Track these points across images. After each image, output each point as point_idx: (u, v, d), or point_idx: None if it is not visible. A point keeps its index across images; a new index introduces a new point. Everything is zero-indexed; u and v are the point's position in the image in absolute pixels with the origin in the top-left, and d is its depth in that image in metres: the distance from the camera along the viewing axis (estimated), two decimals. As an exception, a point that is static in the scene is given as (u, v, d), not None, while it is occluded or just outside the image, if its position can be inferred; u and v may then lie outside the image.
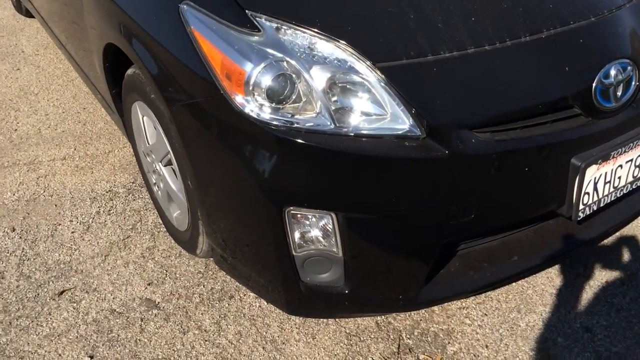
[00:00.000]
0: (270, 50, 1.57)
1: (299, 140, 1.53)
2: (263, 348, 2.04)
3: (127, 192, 2.76)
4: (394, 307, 1.76)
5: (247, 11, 1.63)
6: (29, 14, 4.53)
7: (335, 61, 1.57)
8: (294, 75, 1.56)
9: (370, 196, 1.57)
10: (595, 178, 1.76)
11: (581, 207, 1.77)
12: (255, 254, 1.76)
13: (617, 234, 2.43)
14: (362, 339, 2.05)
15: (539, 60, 1.65)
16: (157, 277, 2.31)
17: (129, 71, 2.14)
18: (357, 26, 1.61)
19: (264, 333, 2.08)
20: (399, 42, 1.59)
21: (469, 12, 1.67)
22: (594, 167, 1.72)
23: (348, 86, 1.56)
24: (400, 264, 1.68)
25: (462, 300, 2.17)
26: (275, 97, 1.56)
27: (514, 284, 2.23)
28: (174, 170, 2.13)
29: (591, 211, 1.81)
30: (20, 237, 2.54)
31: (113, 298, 2.24)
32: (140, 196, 2.72)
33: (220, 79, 1.60)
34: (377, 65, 1.55)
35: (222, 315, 2.15)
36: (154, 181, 2.38)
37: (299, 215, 1.63)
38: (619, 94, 1.72)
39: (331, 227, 1.62)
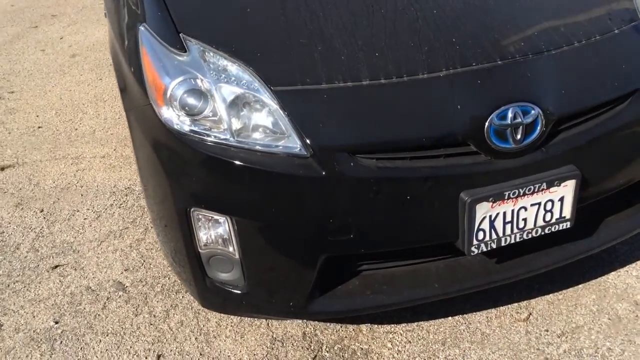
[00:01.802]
0: (189, 69, 1.81)
1: (202, 150, 1.75)
2: (196, 339, 2.24)
3: (141, 191, 3.11)
4: (286, 313, 1.90)
5: (181, 34, 1.88)
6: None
7: (243, 83, 1.77)
8: (206, 92, 1.78)
9: (259, 204, 1.74)
10: (490, 216, 1.79)
11: (475, 242, 1.81)
12: (174, 248, 1.99)
13: (580, 286, 2.36)
14: (284, 344, 2.19)
15: (432, 97, 1.74)
16: (134, 265, 2.61)
17: None
18: (267, 53, 1.80)
19: (202, 326, 2.29)
20: (299, 69, 1.76)
21: (375, 48, 1.80)
22: (485, 204, 1.76)
23: (252, 105, 1.76)
24: (288, 272, 1.82)
25: (392, 324, 2.24)
26: (190, 110, 1.79)
27: (450, 317, 2.26)
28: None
29: (489, 248, 1.84)
30: (44, 218, 2.96)
31: (93, 277, 2.56)
32: (152, 195, 3.07)
33: (151, 89, 1.87)
34: (273, 89, 1.73)
35: (173, 305, 2.39)
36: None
37: (201, 216, 1.83)
38: (518, 136, 1.75)
39: (228, 230, 1.81)
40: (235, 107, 1.77)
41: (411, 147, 1.72)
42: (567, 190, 1.84)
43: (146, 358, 2.18)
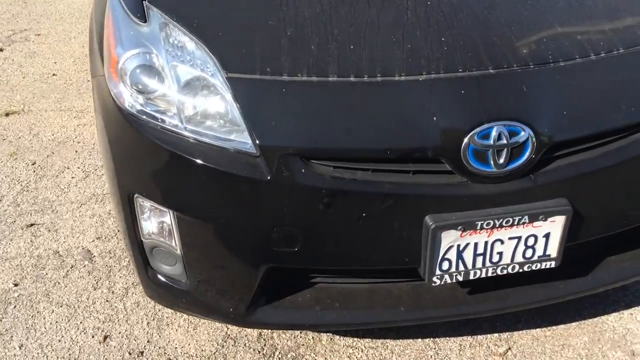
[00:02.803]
0: (145, 42, 1.63)
1: (146, 134, 1.59)
2: (148, 324, 2.13)
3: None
4: (225, 318, 1.74)
5: (145, 2, 1.70)
6: None
7: (199, 64, 1.58)
8: (160, 70, 1.61)
9: (199, 201, 1.58)
10: (459, 245, 1.57)
11: (438, 272, 1.60)
12: (123, 233, 1.85)
13: (574, 324, 2.11)
14: (236, 344, 2.05)
15: (406, 103, 1.51)
16: (107, 234, 2.50)
17: None
18: (230, 33, 1.61)
19: (157, 311, 2.17)
20: (260, 56, 1.55)
21: (351, 40, 1.57)
22: (453, 232, 1.54)
23: (205, 90, 1.57)
24: (228, 276, 1.66)
25: (355, 339, 2.06)
26: (142, 87, 1.62)
27: (420, 339, 2.06)
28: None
29: (454, 280, 1.62)
30: (34, 171, 2.89)
31: (64, 242, 2.48)
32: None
33: (106, 60, 1.71)
34: (228, 75, 1.54)
35: (135, 284, 2.27)
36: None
37: (145, 204, 1.68)
38: (501, 160, 1.51)
39: (170, 222, 1.66)
40: (188, 90, 1.58)
41: (374, 158, 1.51)
42: (554, 226, 1.59)
43: (93, 337, 2.08)
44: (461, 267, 1.61)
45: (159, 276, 1.79)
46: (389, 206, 1.52)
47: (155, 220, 1.69)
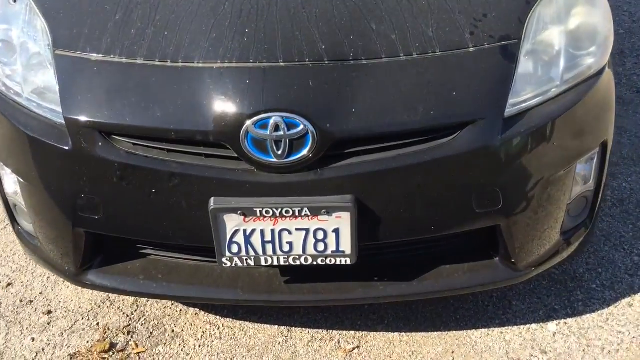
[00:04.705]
0: (11, 19, 1.83)
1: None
2: (48, 278, 2.35)
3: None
4: (64, 275, 1.90)
5: (21, -18, 1.90)
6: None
7: (41, 41, 1.76)
8: (16, 45, 1.80)
9: (24, 165, 1.77)
10: (245, 230, 1.62)
11: (228, 254, 1.66)
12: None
13: (435, 333, 2.06)
14: (112, 306, 2.21)
15: (198, 89, 1.57)
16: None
17: None
18: (69, 14, 1.74)
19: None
20: (85, 36, 1.68)
21: (168, 26, 1.65)
22: (235, 216, 1.59)
23: (40, 66, 1.74)
24: (57, 237, 1.82)
25: (218, 316, 2.15)
26: (5, 60, 1.82)
27: (277, 326, 2.11)
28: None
29: (246, 264, 1.67)
30: None
31: None
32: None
33: None
34: (56, 52, 1.70)
35: (53, 242, 2.51)
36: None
37: (3, 166, 1.89)
38: (279, 151, 1.54)
39: (17, 184, 1.86)
40: (30, 64, 1.77)
41: (168, 139, 1.60)
42: (342, 222, 1.60)
43: (-1, 283, 2.35)
44: (251, 252, 1.66)
45: (22, 232, 2.00)
46: (176, 185, 1.60)
47: (10, 181, 1.90)
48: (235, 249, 1.65)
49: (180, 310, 2.20)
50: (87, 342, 2.10)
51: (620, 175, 2.73)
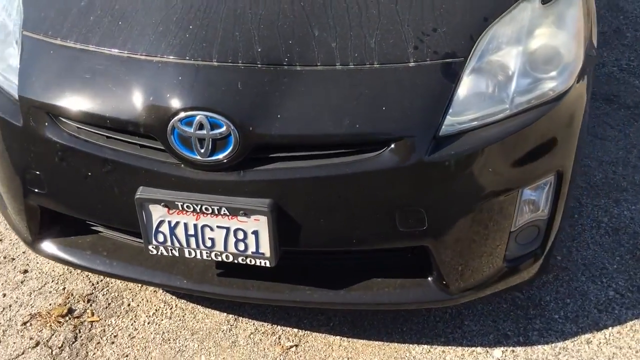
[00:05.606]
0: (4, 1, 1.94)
1: None
2: (12, 260, 2.46)
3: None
4: (23, 240, 2.02)
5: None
6: None
7: (16, 21, 1.85)
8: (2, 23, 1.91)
9: None
10: (170, 222, 1.66)
11: (155, 242, 1.71)
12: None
13: (377, 342, 2.04)
14: (82, 273, 2.33)
15: (136, 81, 1.61)
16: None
17: None
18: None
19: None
20: (52, 20, 1.76)
21: (129, 17, 1.68)
22: (159, 207, 1.64)
23: (11, 44, 1.84)
24: (14, 205, 1.94)
25: (179, 295, 2.23)
26: None
27: (226, 314, 2.16)
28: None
29: (170, 253, 1.72)
30: None
31: None
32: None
33: None
34: (24, 33, 1.79)
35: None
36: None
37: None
38: (202, 149, 1.56)
39: None
40: (7, 42, 1.87)
41: (102, 125, 1.66)
42: (260, 225, 1.61)
43: (-10, 239, 2.51)
44: (176, 244, 1.70)
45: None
46: (109, 171, 1.67)
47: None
48: (161, 238, 1.71)
49: (141, 286, 2.29)
50: (50, 304, 2.23)
51: (625, 202, 2.57)
